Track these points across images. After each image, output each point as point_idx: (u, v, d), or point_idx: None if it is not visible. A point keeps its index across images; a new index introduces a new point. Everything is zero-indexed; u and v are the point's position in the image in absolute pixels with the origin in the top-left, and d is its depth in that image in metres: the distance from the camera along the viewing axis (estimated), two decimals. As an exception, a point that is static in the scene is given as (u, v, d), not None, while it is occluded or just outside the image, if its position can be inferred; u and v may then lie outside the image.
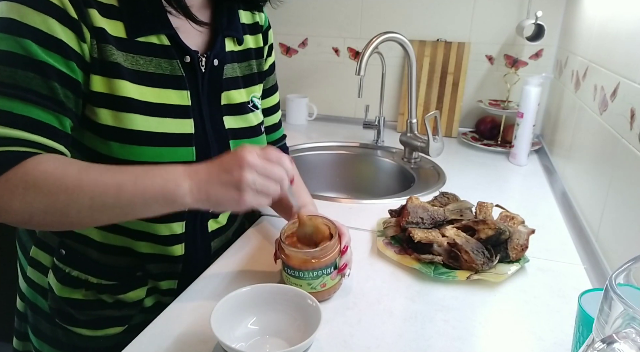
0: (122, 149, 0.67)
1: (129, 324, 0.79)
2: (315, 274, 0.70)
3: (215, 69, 0.77)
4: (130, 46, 0.68)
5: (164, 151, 0.70)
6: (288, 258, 0.70)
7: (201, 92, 0.75)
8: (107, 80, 0.66)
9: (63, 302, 0.77)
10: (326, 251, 0.70)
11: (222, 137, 0.78)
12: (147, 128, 0.68)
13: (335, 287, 0.74)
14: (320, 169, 1.53)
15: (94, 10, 0.64)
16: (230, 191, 0.59)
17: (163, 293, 0.81)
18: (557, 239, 0.96)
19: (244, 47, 0.84)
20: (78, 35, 0.62)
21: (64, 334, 0.79)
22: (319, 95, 1.87)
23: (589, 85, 1.13)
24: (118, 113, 0.66)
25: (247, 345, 0.62)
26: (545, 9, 1.50)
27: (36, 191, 0.57)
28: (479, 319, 0.70)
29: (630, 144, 0.83)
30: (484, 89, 1.70)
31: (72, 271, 0.76)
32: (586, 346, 0.37)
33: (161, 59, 0.70)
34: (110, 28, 0.66)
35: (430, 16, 1.68)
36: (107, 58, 0.65)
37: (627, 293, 0.37)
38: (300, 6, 1.79)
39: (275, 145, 0.99)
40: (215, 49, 0.76)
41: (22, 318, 0.86)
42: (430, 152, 1.32)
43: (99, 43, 0.64)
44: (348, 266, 0.75)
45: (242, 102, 0.82)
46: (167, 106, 0.71)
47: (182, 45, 0.72)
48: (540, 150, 1.52)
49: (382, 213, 1.02)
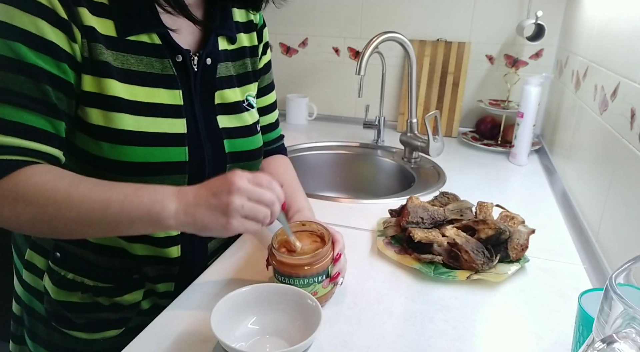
0: (113, 149, 0.67)
1: (126, 326, 0.79)
2: (305, 282, 0.67)
3: (208, 68, 0.76)
4: (120, 45, 0.67)
5: (156, 151, 0.69)
6: (279, 264, 0.68)
7: (194, 91, 0.74)
8: (97, 79, 0.65)
9: (59, 305, 0.76)
10: (318, 258, 0.67)
11: (216, 137, 0.77)
12: (137, 128, 0.67)
13: (327, 296, 0.71)
14: (320, 169, 1.53)
15: (84, 9, 0.63)
16: (217, 216, 0.58)
17: (160, 296, 0.80)
18: (557, 239, 0.96)
19: (237, 46, 0.83)
20: (68, 36, 0.62)
21: (60, 338, 0.78)
22: (319, 95, 1.87)
23: (589, 85, 1.13)
24: (108, 113, 0.66)
25: (247, 345, 0.62)
26: (545, 8, 1.50)
27: (25, 202, 0.58)
28: (479, 319, 0.70)
29: (631, 144, 0.83)
30: (484, 88, 1.70)
31: (68, 273, 0.75)
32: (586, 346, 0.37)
33: (152, 58, 0.70)
34: (100, 27, 0.65)
35: (430, 16, 1.68)
36: (97, 57, 0.64)
37: (627, 293, 0.37)
38: (300, 6, 1.79)
39: (272, 145, 0.98)
40: (208, 47, 0.76)
41: (18, 322, 0.86)
42: (431, 152, 1.32)
43: (90, 42, 0.64)
44: (341, 274, 0.72)
45: (237, 101, 0.81)
46: (159, 105, 0.70)
47: (174, 45, 0.71)
48: (541, 150, 1.52)
49: (382, 213, 1.02)
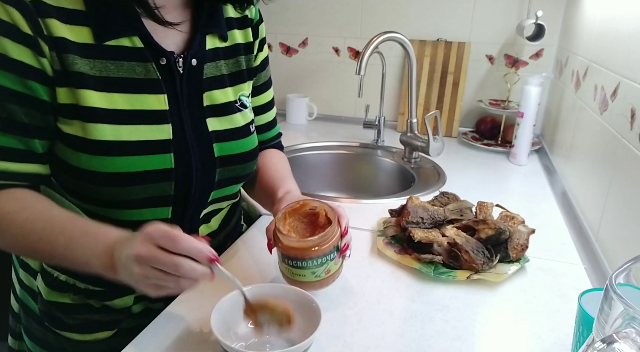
0: (91, 160, 0.65)
1: (119, 327, 0.78)
2: (319, 262, 0.67)
3: (194, 69, 0.73)
4: (97, 52, 0.65)
5: (138, 160, 0.67)
6: (288, 249, 0.67)
7: (180, 94, 0.71)
8: (72, 91, 0.63)
9: (51, 305, 0.76)
10: (328, 237, 0.67)
11: (205, 141, 0.74)
12: (117, 137, 0.65)
13: (339, 271, 0.72)
14: (320, 169, 1.53)
15: (52, 20, 0.61)
16: (135, 282, 0.57)
17: (151, 300, 0.78)
18: (557, 239, 0.96)
19: (230, 43, 0.80)
20: (34, 51, 0.60)
21: (54, 338, 0.78)
22: (319, 95, 1.87)
23: (589, 85, 1.13)
24: (85, 124, 0.64)
25: (247, 345, 0.62)
26: (545, 8, 1.50)
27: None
28: (479, 319, 0.70)
29: (631, 144, 0.83)
30: (484, 88, 1.70)
31: (60, 275, 0.75)
32: (586, 346, 0.37)
33: (134, 63, 0.67)
34: (74, 35, 0.63)
35: (430, 16, 1.68)
36: (69, 68, 0.62)
37: (627, 293, 0.37)
38: (300, 6, 1.79)
39: (269, 143, 0.96)
40: (194, 48, 0.73)
41: (16, 318, 0.86)
42: (431, 152, 1.32)
43: (60, 54, 0.62)
44: (349, 246, 0.72)
45: (228, 102, 0.78)
46: (142, 112, 0.68)
47: (157, 47, 0.68)
48: (541, 150, 1.52)
49: (382, 213, 1.02)
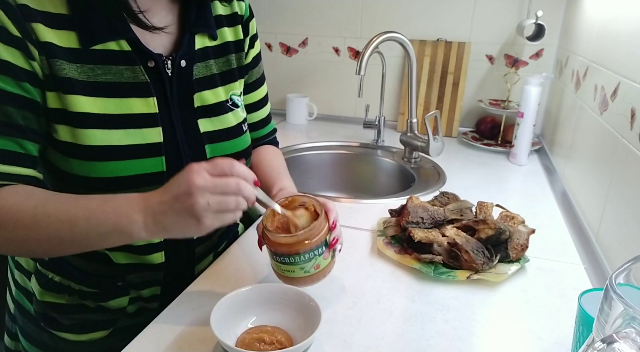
0: (82, 165, 0.65)
1: (114, 327, 0.78)
2: (307, 257, 0.66)
3: (183, 70, 0.72)
4: (84, 57, 0.64)
5: (129, 164, 0.67)
6: (275, 245, 0.66)
7: (169, 97, 0.71)
8: (61, 96, 0.63)
9: (46, 306, 0.76)
10: (315, 231, 0.66)
11: (197, 143, 0.74)
12: (107, 142, 0.65)
13: (330, 267, 0.71)
14: (320, 169, 1.53)
15: (38, 25, 0.60)
16: (186, 219, 0.56)
17: (146, 300, 0.79)
18: (557, 239, 0.96)
19: (220, 42, 0.79)
20: (25, 53, 0.60)
21: (49, 338, 0.78)
22: (319, 95, 1.87)
23: (589, 85, 1.13)
24: (74, 129, 0.64)
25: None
26: (545, 8, 1.50)
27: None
28: (479, 319, 0.70)
29: (631, 144, 0.83)
30: (484, 88, 1.70)
31: (55, 276, 0.75)
32: (586, 346, 0.37)
33: (122, 67, 0.66)
34: (60, 40, 0.62)
35: (430, 16, 1.68)
36: (58, 73, 0.62)
37: (627, 293, 0.37)
38: (300, 6, 1.79)
39: (264, 140, 0.96)
40: (182, 49, 0.72)
41: (12, 319, 0.86)
42: (431, 152, 1.32)
43: (49, 59, 0.61)
44: (339, 240, 0.70)
45: (219, 102, 0.77)
46: (132, 116, 0.67)
47: (144, 50, 0.68)
48: (541, 150, 1.52)
49: (382, 213, 1.02)
